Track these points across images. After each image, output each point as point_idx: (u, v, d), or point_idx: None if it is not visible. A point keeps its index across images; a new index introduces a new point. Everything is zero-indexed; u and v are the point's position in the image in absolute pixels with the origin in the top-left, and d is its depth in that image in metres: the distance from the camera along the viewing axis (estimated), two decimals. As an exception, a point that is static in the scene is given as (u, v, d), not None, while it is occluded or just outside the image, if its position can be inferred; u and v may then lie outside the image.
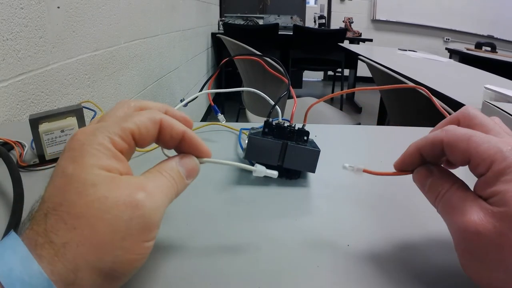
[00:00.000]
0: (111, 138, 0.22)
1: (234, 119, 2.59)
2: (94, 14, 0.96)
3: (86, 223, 0.19)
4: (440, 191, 0.25)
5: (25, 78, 0.67)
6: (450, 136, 0.24)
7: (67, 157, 0.22)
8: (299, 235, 0.31)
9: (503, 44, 4.46)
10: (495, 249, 0.21)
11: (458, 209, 0.23)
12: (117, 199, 0.20)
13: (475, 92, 1.07)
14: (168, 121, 0.25)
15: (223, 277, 0.26)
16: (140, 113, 0.24)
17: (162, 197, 0.22)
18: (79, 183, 0.20)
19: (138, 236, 0.21)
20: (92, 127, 0.23)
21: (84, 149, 0.21)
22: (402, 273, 0.27)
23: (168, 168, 0.24)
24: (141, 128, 0.23)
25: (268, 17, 3.84)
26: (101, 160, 0.21)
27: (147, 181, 0.22)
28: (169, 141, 0.25)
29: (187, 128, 0.26)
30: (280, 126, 0.39)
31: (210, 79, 0.53)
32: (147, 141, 0.24)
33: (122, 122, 0.23)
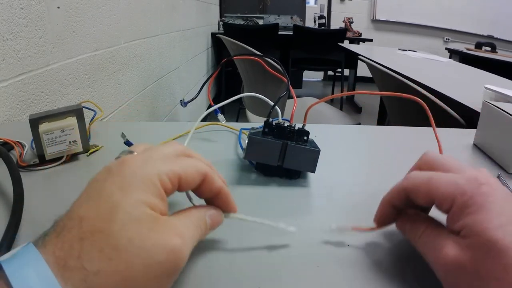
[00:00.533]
0: (160, 176, 0.23)
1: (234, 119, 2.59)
2: (94, 14, 0.96)
3: (122, 257, 0.19)
4: (416, 233, 0.26)
5: (25, 78, 0.67)
6: (411, 182, 0.27)
7: (115, 182, 0.22)
8: (299, 235, 0.31)
9: (503, 44, 4.46)
10: (476, 277, 0.22)
11: (435, 247, 0.24)
12: (158, 242, 0.21)
13: (475, 92, 1.07)
14: (212, 175, 0.26)
15: (223, 277, 0.26)
16: (188, 160, 0.25)
17: (192, 243, 0.23)
18: (125, 215, 0.20)
19: (166, 277, 0.21)
20: (143, 158, 0.24)
21: (134, 180, 0.22)
22: (402, 273, 0.27)
23: (198, 217, 0.25)
24: (187, 175, 0.24)
25: (268, 17, 3.84)
26: (148, 197, 0.22)
27: (182, 227, 0.23)
28: (207, 193, 0.27)
29: (224, 185, 0.27)
30: (280, 126, 0.39)
31: (210, 78, 0.53)
32: (189, 188, 0.25)
33: (172, 164, 0.24)
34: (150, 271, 0.20)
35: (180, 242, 0.22)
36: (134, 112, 1.35)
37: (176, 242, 0.21)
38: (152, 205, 0.22)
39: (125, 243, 0.20)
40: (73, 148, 0.42)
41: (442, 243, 0.24)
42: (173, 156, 0.25)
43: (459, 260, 0.22)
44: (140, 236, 0.20)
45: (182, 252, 0.22)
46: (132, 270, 0.20)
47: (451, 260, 0.23)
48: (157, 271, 0.20)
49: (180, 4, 2.06)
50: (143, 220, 0.21)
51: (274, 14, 3.91)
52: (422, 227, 0.26)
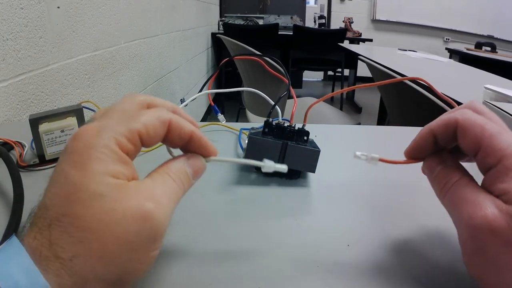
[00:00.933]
0: (117, 139, 0.21)
1: (234, 119, 2.59)
2: (94, 14, 0.96)
3: (93, 236, 0.19)
4: (449, 180, 0.24)
5: (25, 78, 0.67)
6: (466, 118, 0.24)
7: (70, 160, 0.20)
8: (299, 235, 0.31)
9: (503, 44, 4.46)
10: (508, 249, 0.20)
11: (470, 201, 0.22)
12: (125, 212, 0.19)
13: (475, 92, 1.07)
14: (177, 121, 0.24)
15: (223, 277, 0.26)
16: (148, 112, 0.23)
17: (169, 204, 0.22)
18: (85, 193, 0.19)
19: (146, 247, 0.20)
20: (96, 126, 0.21)
21: (89, 152, 0.20)
22: (402, 273, 0.27)
23: (175, 169, 0.23)
24: (149, 129, 0.22)
25: (268, 17, 3.84)
26: (108, 166, 0.20)
27: (154, 187, 0.21)
28: (176, 141, 0.24)
29: (195, 128, 0.25)
30: (280, 126, 0.39)
31: (210, 79, 0.53)
32: (154, 142, 0.23)
33: (129, 122, 0.22)
34: (126, 244, 0.19)
35: (152, 205, 0.20)
36: (134, 112, 1.35)
37: (147, 207, 0.20)
38: (115, 173, 0.20)
39: (92, 222, 0.19)
40: (73, 148, 0.42)
41: (480, 199, 0.22)
42: (132, 112, 0.23)
43: (497, 224, 0.20)
44: (106, 211, 0.19)
45: (156, 216, 0.20)
46: (106, 248, 0.19)
47: (487, 222, 0.20)
48: (133, 243, 0.19)
49: (180, 4, 2.06)
50: (106, 192, 0.19)
51: (274, 14, 3.91)
52: (457, 174, 0.24)
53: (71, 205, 0.19)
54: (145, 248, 0.20)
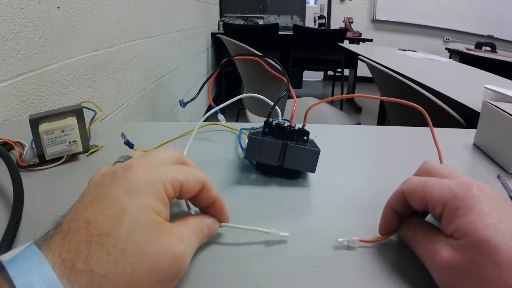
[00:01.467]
0: (163, 182, 0.23)
1: (234, 119, 2.59)
2: (94, 14, 0.96)
3: (128, 260, 0.20)
4: (416, 239, 0.27)
5: (25, 78, 0.67)
6: (408, 186, 0.28)
7: (121, 187, 0.22)
8: (299, 235, 0.31)
9: (503, 44, 4.46)
10: (470, 276, 0.22)
11: (431, 250, 0.25)
12: (162, 247, 0.21)
13: (475, 92, 1.07)
14: (209, 184, 0.27)
15: (223, 277, 0.26)
16: (189, 168, 0.27)
17: (192, 250, 0.25)
18: (132, 220, 0.21)
19: (169, 282, 0.22)
20: (147, 164, 0.24)
21: (139, 185, 0.22)
22: (402, 273, 0.27)
23: (196, 225, 0.27)
24: (189, 183, 0.25)
25: (268, 17, 3.84)
26: (153, 202, 0.22)
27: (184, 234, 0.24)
28: (203, 201, 0.28)
29: (219, 195, 0.28)
30: (280, 126, 0.39)
31: (210, 78, 0.53)
32: (189, 195, 0.26)
33: (175, 171, 0.25)
34: (154, 275, 0.21)
35: (184, 248, 0.23)
36: (134, 112, 1.35)
37: (180, 248, 0.22)
38: (157, 211, 0.22)
39: (131, 247, 0.20)
40: (73, 148, 0.42)
41: (437, 246, 0.25)
42: (170, 163, 0.27)
43: (453, 261, 0.23)
44: (146, 241, 0.21)
45: (185, 258, 0.23)
46: (137, 274, 0.20)
47: (445, 262, 0.23)
48: (160, 276, 0.21)
49: (180, 4, 2.06)
50: (149, 225, 0.22)
51: (274, 14, 3.91)
52: (421, 232, 0.27)
53: (117, 227, 0.21)
54: (168, 283, 0.22)
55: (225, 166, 0.43)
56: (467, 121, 0.84)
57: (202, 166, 0.29)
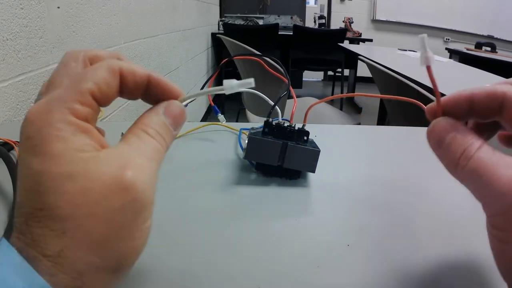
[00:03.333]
0: (70, 108, 0.18)
1: (234, 119, 2.59)
2: (94, 14, 0.96)
3: (75, 224, 0.17)
4: (469, 146, 0.20)
5: (25, 78, 0.67)
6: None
7: (27, 147, 0.18)
8: (299, 235, 0.31)
9: (503, 44, 4.46)
10: None
11: (506, 168, 0.18)
12: (102, 188, 0.17)
13: (475, 92, 1.07)
14: (128, 66, 0.21)
15: (223, 277, 0.26)
16: (93, 67, 0.20)
17: (152, 167, 0.19)
18: (52, 179, 0.17)
19: (134, 220, 0.18)
20: (44, 102, 0.19)
21: (44, 133, 0.18)
22: (402, 273, 0.27)
23: (153, 123, 0.21)
24: (100, 85, 0.19)
25: (268, 17, 3.84)
26: (68, 141, 0.18)
27: (130, 151, 0.19)
28: (133, 90, 0.21)
29: (151, 70, 0.22)
30: (280, 126, 0.39)
31: (210, 79, 0.53)
32: (110, 97, 0.20)
33: (77, 85, 0.19)
34: (111, 223, 0.17)
35: (131, 173, 0.18)
36: (134, 112, 1.35)
37: (126, 177, 0.18)
38: (78, 147, 0.18)
39: (68, 208, 0.17)
40: (73, 148, 0.42)
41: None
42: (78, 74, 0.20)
43: None
44: (80, 192, 0.17)
45: (139, 184, 0.18)
46: (92, 233, 0.17)
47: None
48: (119, 219, 0.18)
49: (180, 4, 2.06)
50: (75, 171, 0.17)
51: (274, 14, 3.91)
52: (477, 140, 0.20)
53: (42, 197, 0.17)
54: (133, 222, 0.18)
55: (225, 166, 0.43)
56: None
57: (202, 166, 0.29)
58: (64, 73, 0.21)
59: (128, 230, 0.18)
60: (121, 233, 0.18)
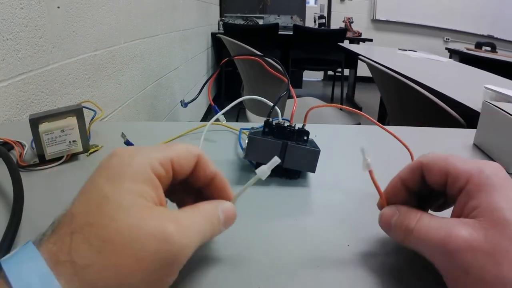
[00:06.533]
0: (151, 163, 0.22)
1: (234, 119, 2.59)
2: (94, 14, 0.96)
3: (112, 249, 0.19)
4: (410, 220, 0.24)
5: (25, 78, 0.67)
6: (429, 157, 0.26)
7: (104, 175, 0.21)
8: (299, 235, 0.31)
9: (503, 44, 4.46)
10: (491, 260, 0.20)
11: (441, 228, 0.22)
12: (147, 230, 0.19)
13: (475, 92, 1.07)
14: (205, 157, 0.25)
15: (223, 277, 0.26)
16: (179, 144, 0.25)
17: (194, 235, 0.21)
18: (114, 206, 0.20)
19: (161, 270, 0.20)
20: (135, 147, 0.23)
21: (123, 170, 0.21)
22: (402, 273, 0.27)
23: (207, 210, 0.24)
24: (180, 157, 0.23)
25: (268, 17, 3.84)
26: (138, 186, 0.21)
27: (182, 215, 0.22)
28: (201, 178, 0.25)
29: (219, 170, 0.26)
30: (280, 126, 0.39)
31: (210, 79, 0.53)
32: (184, 172, 0.24)
33: (162, 150, 0.23)
34: (142, 263, 0.19)
35: (175, 229, 0.20)
36: (134, 112, 1.35)
37: (169, 229, 0.20)
38: (144, 194, 0.21)
39: (113, 235, 0.19)
40: (73, 148, 0.42)
41: (452, 224, 0.22)
42: (165, 145, 0.25)
43: (472, 241, 0.20)
44: (129, 226, 0.19)
45: (177, 240, 0.20)
46: (122, 263, 0.19)
47: (463, 242, 0.21)
48: (149, 263, 0.19)
49: (180, 4, 2.06)
50: (133, 209, 0.20)
51: (274, 14, 3.91)
52: (416, 214, 0.24)
53: (98, 216, 0.19)
54: (159, 271, 0.20)
55: (225, 166, 0.43)
56: (467, 121, 0.84)
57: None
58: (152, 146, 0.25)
59: (152, 276, 0.19)
60: (145, 275, 0.19)
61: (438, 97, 0.90)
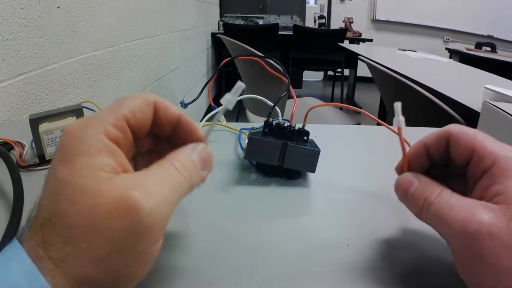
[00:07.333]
0: (104, 129, 0.20)
1: (234, 119, 2.59)
2: (94, 14, 0.96)
3: (79, 235, 0.17)
4: (430, 193, 0.23)
5: (25, 78, 0.67)
6: (457, 129, 0.24)
7: (58, 157, 0.19)
8: (299, 235, 0.31)
9: (503, 44, 4.46)
10: (507, 252, 0.19)
11: (461, 208, 0.21)
12: (108, 206, 0.18)
13: (475, 92, 1.07)
14: (163, 101, 0.22)
15: (223, 277, 0.26)
16: (132, 96, 0.22)
17: (165, 193, 0.19)
18: (69, 189, 0.18)
19: (135, 244, 0.18)
20: (84, 119, 0.21)
21: (74, 146, 0.19)
22: (402, 273, 0.27)
23: (180, 159, 0.21)
24: (135, 111, 0.21)
25: (268, 17, 3.84)
26: (92, 159, 0.19)
27: (146, 177, 0.20)
28: (164, 124, 0.23)
29: (182, 112, 0.23)
30: (280, 126, 0.39)
31: (210, 81, 0.53)
32: (144, 127, 0.22)
33: (115, 109, 0.21)
34: (112, 242, 0.18)
35: (138, 195, 0.18)
36: (134, 112, 1.35)
37: (133, 198, 0.18)
38: (101, 166, 0.19)
39: (77, 219, 0.17)
40: (73, 148, 0.42)
41: (474, 206, 0.21)
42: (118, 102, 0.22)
43: (495, 227, 0.20)
44: (89, 206, 0.18)
45: (144, 208, 0.18)
46: (94, 248, 0.17)
47: (486, 226, 0.20)
48: (121, 241, 0.18)
49: (180, 4, 2.06)
50: (89, 186, 0.18)
51: (274, 14, 3.91)
52: (436, 188, 0.23)
53: (58, 203, 0.18)
54: (136, 245, 0.18)
55: (225, 166, 0.43)
56: (467, 121, 0.84)
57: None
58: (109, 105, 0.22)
59: (128, 253, 0.18)
60: (122, 254, 0.18)
61: (438, 97, 0.90)
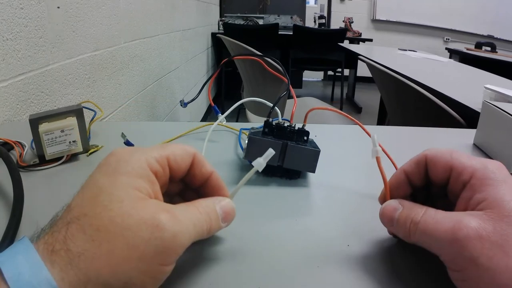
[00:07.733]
0: (147, 160, 0.23)
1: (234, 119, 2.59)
2: (94, 14, 0.96)
3: (105, 237, 0.19)
4: (414, 217, 0.24)
5: (25, 78, 0.67)
6: (434, 152, 0.27)
7: (101, 170, 0.22)
8: (299, 235, 0.31)
9: (503, 44, 4.46)
10: (500, 251, 0.20)
11: (449, 220, 0.22)
12: (139, 218, 0.20)
13: (475, 92, 1.07)
14: (201, 156, 0.26)
15: (223, 277, 0.26)
16: (175, 144, 0.26)
17: (188, 225, 0.22)
18: (108, 197, 0.21)
19: (154, 258, 0.20)
20: (131, 147, 0.24)
21: (119, 165, 0.22)
22: (402, 273, 0.27)
23: (205, 205, 0.24)
24: (176, 155, 0.25)
25: (268, 17, 3.84)
26: (133, 179, 0.22)
27: (175, 208, 0.22)
28: (197, 176, 0.26)
29: (214, 169, 0.27)
30: (280, 126, 0.39)
31: (210, 79, 0.53)
32: (181, 170, 0.25)
33: (159, 148, 0.24)
34: (134, 251, 0.19)
35: (168, 217, 0.21)
36: (134, 112, 1.35)
37: (161, 217, 0.20)
38: (139, 187, 0.21)
39: (106, 223, 0.20)
40: (73, 148, 0.42)
41: (461, 216, 0.22)
42: (162, 145, 0.26)
43: (482, 231, 0.21)
44: (122, 215, 0.20)
45: (169, 228, 0.20)
46: (116, 251, 0.19)
47: (473, 230, 0.21)
48: (142, 251, 0.19)
49: (180, 4, 2.06)
50: (126, 199, 0.21)
51: (274, 14, 3.91)
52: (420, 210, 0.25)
53: (93, 206, 0.20)
54: (153, 259, 0.20)
55: (225, 166, 0.43)
56: (467, 121, 0.84)
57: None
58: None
59: (145, 264, 0.20)
60: (138, 263, 0.20)
61: (438, 97, 0.90)
